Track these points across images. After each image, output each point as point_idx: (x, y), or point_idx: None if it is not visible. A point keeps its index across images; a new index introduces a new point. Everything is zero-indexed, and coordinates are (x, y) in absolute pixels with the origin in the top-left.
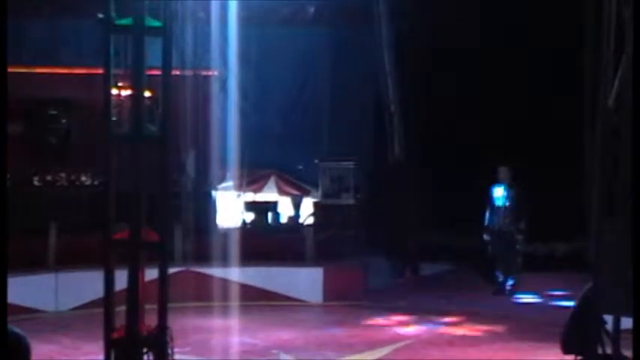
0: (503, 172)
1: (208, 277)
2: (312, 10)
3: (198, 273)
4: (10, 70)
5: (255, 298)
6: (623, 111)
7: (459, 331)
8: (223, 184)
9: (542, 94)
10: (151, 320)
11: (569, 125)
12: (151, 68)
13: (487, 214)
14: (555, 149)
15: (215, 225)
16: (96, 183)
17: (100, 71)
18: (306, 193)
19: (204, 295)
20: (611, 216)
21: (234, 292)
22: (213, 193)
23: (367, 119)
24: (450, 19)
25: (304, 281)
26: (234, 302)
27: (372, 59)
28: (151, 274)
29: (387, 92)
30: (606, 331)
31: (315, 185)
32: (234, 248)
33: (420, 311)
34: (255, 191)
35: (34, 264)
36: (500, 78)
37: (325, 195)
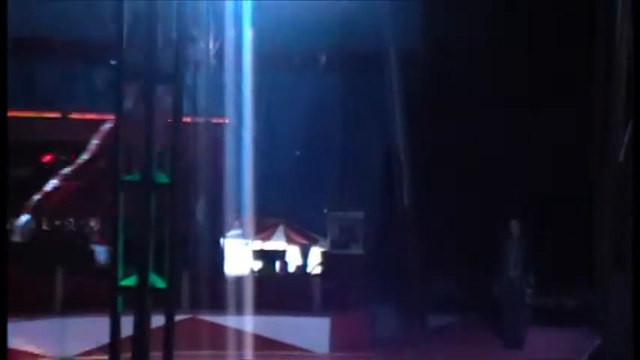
0: (514, 225)
1: (215, 325)
2: (323, 58)
3: (205, 321)
4: (20, 114)
5: (262, 347)
6: (632, 166)
7: None
8: (232, 232)
9: (552, 149)
10: None
11: (579, 180)
12: (162, 115)
13: (497, 267)
14: (566, 203)
15: (223, 273)
16: (104, 228)
17: (111, 117)
18: (315, 243)
19: (210, 343)
20: (620, 271)
21: (241, 341)
22: (222, 240)
23: (377, 168)
24: (461, 68)
25: (311, 331)
26: (241, 351)
27: (382, 108)
28: (158, 320)
29: (396, 141)
30: None
31: (324, 235)
32: (242, 296)
33: None
34: (264, 239)
35: (40, 308)
36: (512, 129)
37: (333, 245)
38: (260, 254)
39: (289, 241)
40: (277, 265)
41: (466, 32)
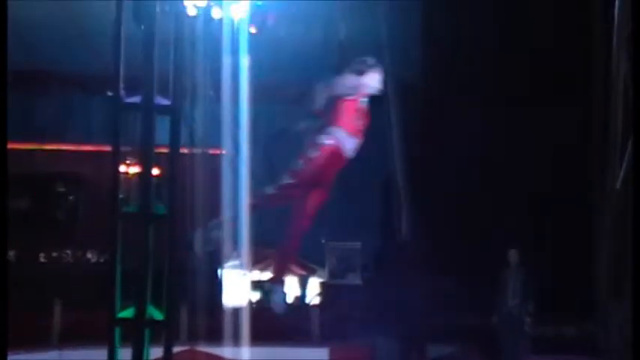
0: (512, 254)
1: (213, 357)
2: None
3: (204, 352)
4: (19, 146)
5: None
6: (630, 193)
7: None
8: (230, 263)
9: (551, 177)
10: None
11: (578, 208)
12: (160, 146)
13: (496, 296)
14: (564, 232)
15: (221, 304)
16: (102, 260)
17: (109, 148)
18: (313, 273)
19: None
20: (619, 299)
21: None
22: (220, 271)
23: (375, 198)
24: (460, 99)
25: None
26: None
27: (380, 139)
28: (156, 352)
29: (394, 171)
30: None
31: (322, 265)
32: (240, 328)
33: None
34: (262, 270)
35: (38, 341)
36: (509, 161)
37: (331, 275)
38: (258, 285)
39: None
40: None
41: (465, 64)
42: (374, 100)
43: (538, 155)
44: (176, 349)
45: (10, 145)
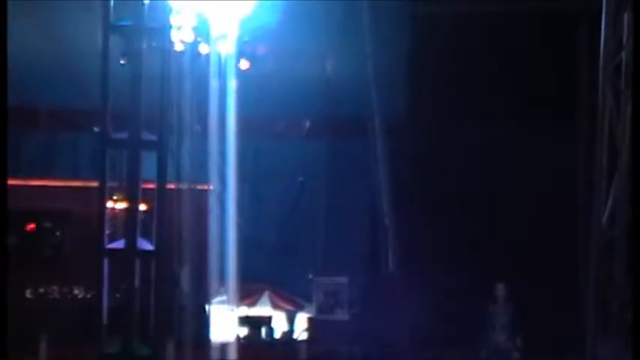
0: (499, 288)
1: None
2: (307, 124)
3: None
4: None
5: None
6: (617, 228)
7: None
8: (217, 298)
9: (538, 213)
10: None
11: (565, 242)
12: (147, 181)
13: (484, 331)
14: (551, 266)
15: (208, 339)
16: (88, 296)
17: (96, 184)
18: (301, 308)
19: None
20: (607, 334)
21: None
22: (207, 306)
23: (362, 233)
24: (446, 134)
25: None
26: None
27: (366, 173)
28: None
29: (381, 206)
30: None
31: (310, 300)
32: None
33: None
34: (249, 305)
35: None
36: (496, 197)
37: (319, 310)
38: (246, 320)
39: (275, 306)
40: (263, 331)
41: (451, 98)
42: (360, 135)
43: (527, 189)
44: None
45: None
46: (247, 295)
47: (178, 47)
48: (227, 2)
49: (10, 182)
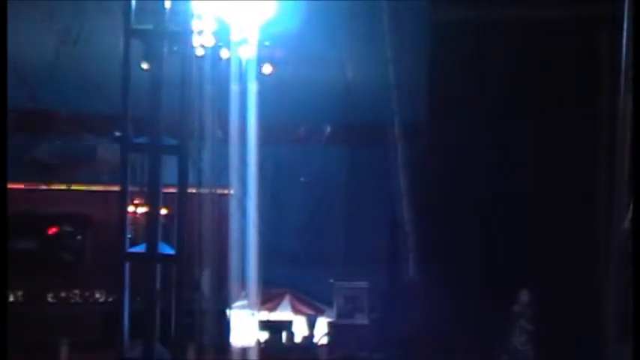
0: (523, 293)
1: None
2: (328, 129)
3: None
4: (26, 187)
5: None
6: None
7: None
8: (238, 303)
9: (560, 217)
10: None
11: (587, 246)
12: (168, 186)
13: (505, 337)
14: (573, 271)
15: (229, 344)
16: (110, 300)
17: (117, 188)
18: (321, 313)
19: None
20: (627, 342)
21: None
22: (228, 311)
23: (382, 237)
24: (466, 139)
25: None
26: None
27: (387, 179)
28: None
29: (402, 212)
30: None
31: (330, 305)
32: None
33: None
34: (270, 310)
35: None
36: (518, 201)
37: (339, 315)
38: (266, 325)
39: (295, 311)
40: (284, 335)
41: (471, 104)
42: (381, 140)
43: (549, 194)
44: None
45: (16, 186)
46: (268, 300)
47: (199, 52)
48: (248, 7)
49: (31, 187)
